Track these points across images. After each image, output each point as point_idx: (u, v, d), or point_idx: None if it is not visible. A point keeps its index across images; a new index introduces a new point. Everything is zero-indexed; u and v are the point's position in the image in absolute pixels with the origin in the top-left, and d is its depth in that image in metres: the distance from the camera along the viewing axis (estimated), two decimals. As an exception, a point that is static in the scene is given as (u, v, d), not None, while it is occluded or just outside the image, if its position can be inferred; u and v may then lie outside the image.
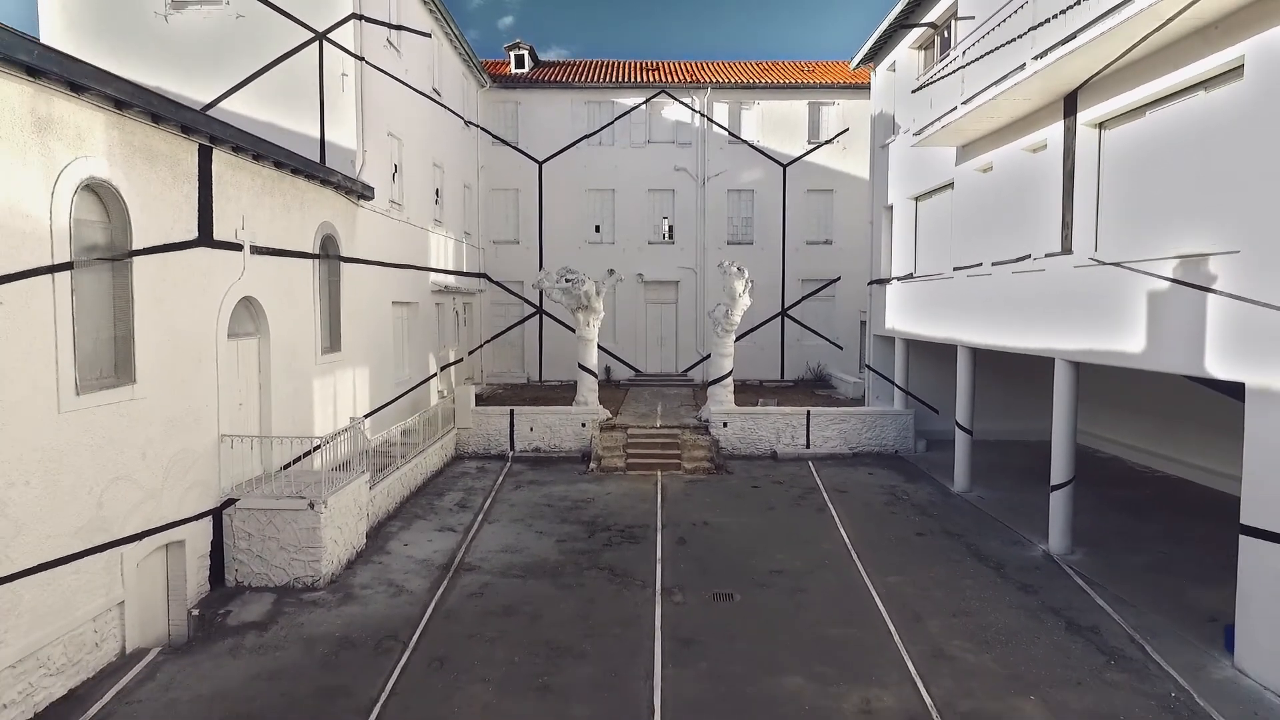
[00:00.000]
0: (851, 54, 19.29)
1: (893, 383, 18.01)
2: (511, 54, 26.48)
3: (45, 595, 6.57)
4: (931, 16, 15.46)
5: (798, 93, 24.97)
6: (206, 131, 8.62)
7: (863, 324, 23.08)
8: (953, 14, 14.40)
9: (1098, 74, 9.39)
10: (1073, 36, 8.97)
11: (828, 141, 24.84)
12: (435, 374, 19.03)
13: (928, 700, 6.88)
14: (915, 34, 16.38)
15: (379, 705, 6.78)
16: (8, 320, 6.15)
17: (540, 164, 25.04)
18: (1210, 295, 7.70)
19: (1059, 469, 10.63)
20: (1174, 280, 8.23)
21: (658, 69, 27.15)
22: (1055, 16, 9.29)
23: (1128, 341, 9.00)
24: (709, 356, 19.95)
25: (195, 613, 8.53)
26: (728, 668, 7.50)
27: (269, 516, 9.31)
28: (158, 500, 8.09)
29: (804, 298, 25.35)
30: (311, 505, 9.32)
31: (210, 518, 9.11)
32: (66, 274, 6.77)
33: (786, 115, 25.04)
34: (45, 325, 6.55)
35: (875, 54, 18.76)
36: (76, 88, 6.72)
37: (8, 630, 6.17)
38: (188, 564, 8.62)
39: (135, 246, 7.67)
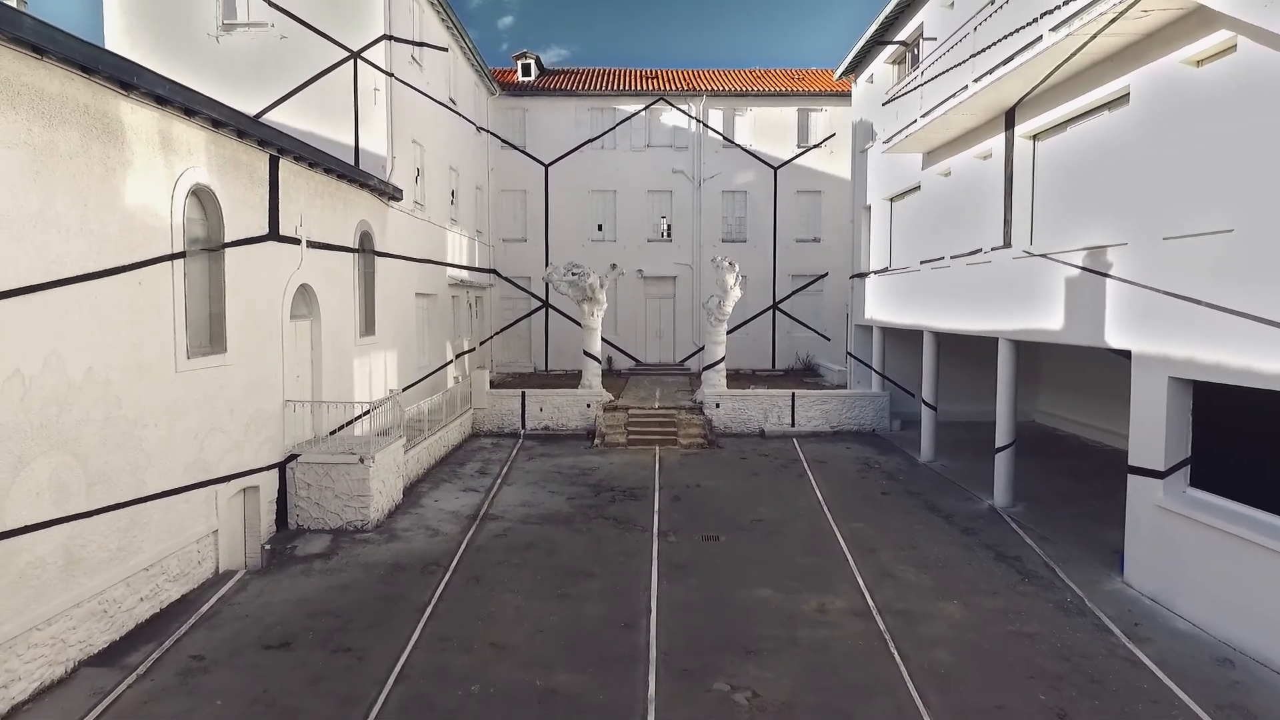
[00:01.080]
0: (841, 60, 20.87)
1: (871, 368, 19.70)
2: (519, 63, 28.16)
3: (167, 516, 8.25)
4: (903, 35, 17.15)
5: (788, 100, 26.65)
6: (276, 144, 10.29)
7: (848, 316, 24.73)
8: (919, 34, 16.10)
9: (1029, 94, 11.08)
10: (1008, 61, 10.63)
11: (815, 146, 26.52)
12: (451, 361, 20.69)
13: (871, 604, 8.56)
14: (889, 50, 18.06)
15: (430, 607, 8.47)
16: (144, 297, 7.83)
17: (546, 167, 26.72)
18: (1108, 280, 9.39)
19: (1002, 433, 12.32)
20: (1083, 268, 9.92)
21: (656, 77, 28.80)
22: (991, 46, 10.96)
23: (1050, 320, 10.70)
24: (704, 348, 21.59)
25: (267, 546, 10.20)
26: (712, 583, 9.19)
27: (325, 470, 11.00)
28: (240, 450, 9.77)
29: (794, 292, 27.04)
30: (361, 460, 11.01)
31: (277, 470, 10.79)
32: (180, 261, 8.45)
33: (777, 121, 26.72)
34: (167, 302, 8.23)
35: (855, 66, 20.45)
36: (189, 112, 8.39)
37: (144, 540, 7.85)
38: (261, 506, 10.30)
39: (226, 239, 9.35)
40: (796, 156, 26.64)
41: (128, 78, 7.26)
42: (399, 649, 7.42)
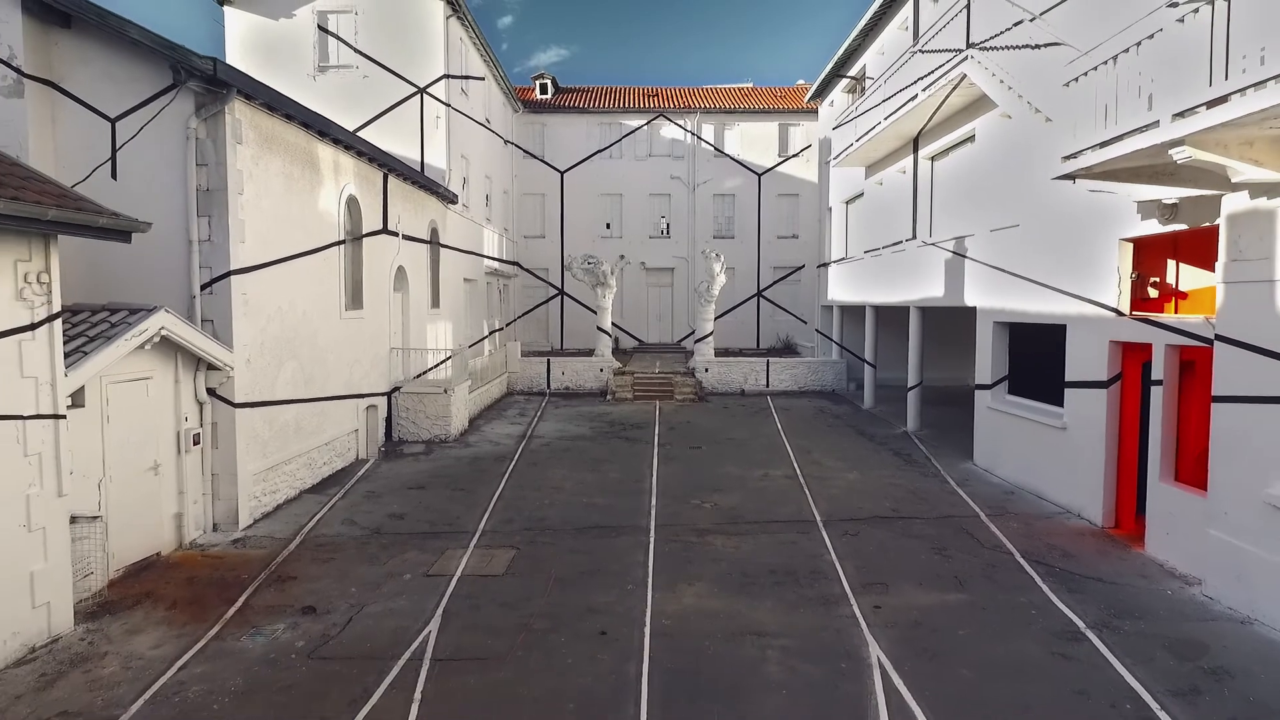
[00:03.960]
0: (820, 71, 25.06)
1: (832, 339, 24.03)
2: (537, 83, 32.55)
3: (336, 412, 12.59)
4: (853, 71, 21.48)
5: (770, 116, 30.99)
6: (388, 165, 14.61)
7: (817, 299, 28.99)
8: (864, 72, 20.43)
9: (924, 128, 15.41)
10: (901, 107, 14.91)
11: (793, 156, 30.86)
12: (486, 336, 25.03)
13: (798, 473, 12.89)
14: (845, 82, 22.38)
15: (507, 474, 12.80)
16: (326, 268, 12.16)
17: (562, 173, 31.06)
18: (966, 259, 13.70)
19: (912, 377, 16.65)
20: (953, 252, 14.24)
21: (657, 95, 33.11)
22: (895, 94, 15.24)
23: (936, 290, 15.01)
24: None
25: (383, 448, 14.56)
26: (694, 466, 13.51)
27: (419, 398, 15.34)
28: (369, 378, 14.11)
29: (775, 281, 31.38)
30: (445, 391, 15.36)
31: (386, 397, 15.13)
32: (342, 246, 12.79)
33: (761, 134, 31.06)
34: (335, 273, 12.56)
35: (820, 92, 24.79)
36: (347, 147, 12.72)
37: (327, 425, 12.20)
38: (378, 420, 14.64)
39: (363, 232, 13.69)
40: (777, 165, 30.97)
41: (324, 129, 11.60)
42: (494, 489, 11.77)
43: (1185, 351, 8.41)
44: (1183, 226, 8.18)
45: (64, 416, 6.63)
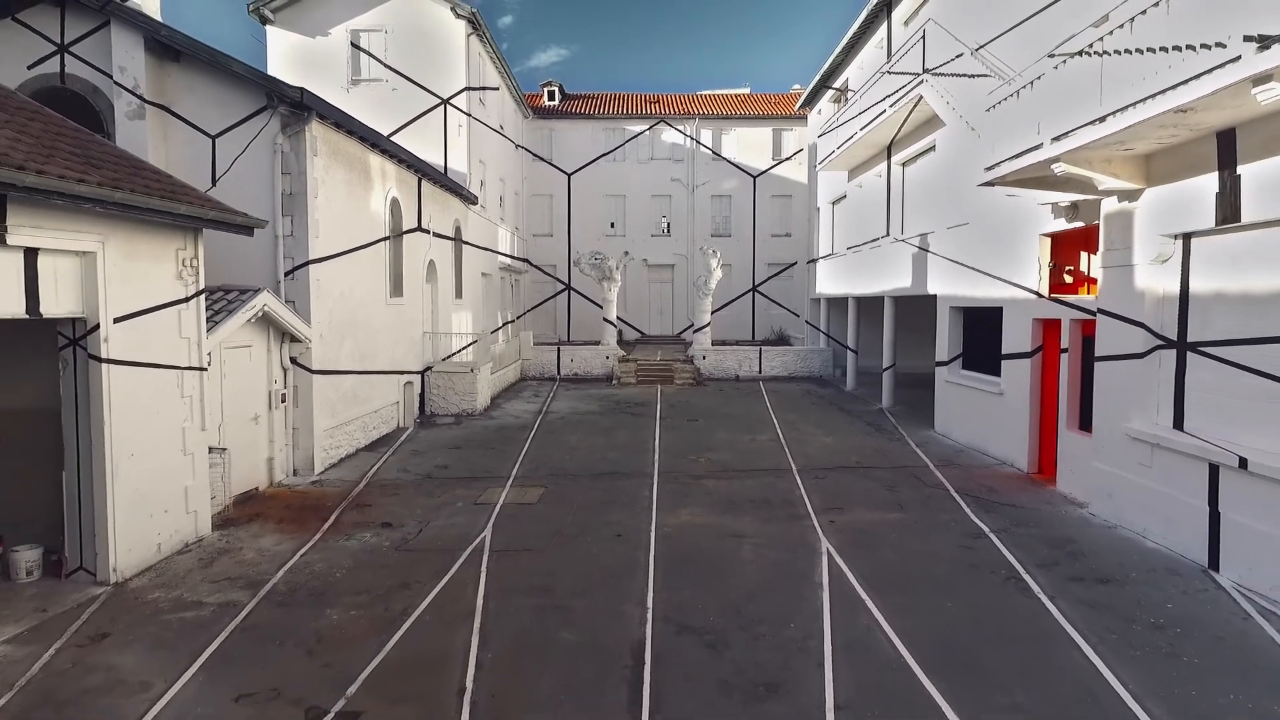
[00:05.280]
0: (813, 76, 27.06)
1: (820, 330, 26.03)
2: (545, 90, 34.57)
3: (381, 385, 14.60)
4: (838, 83, 23.48)
5: (765, 122, 32.99)
6: (422, 170, 16.62)
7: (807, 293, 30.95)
8: (847, 84, 22.43)
9: (895, 138, 17.41)
10: (874, 119, 16.90)
11: (786, 159, 32.85)
12: (500, 327, 27.02)
13: (781, 437, 14.89)
14: (830, 92, 24.38)
15: (530, 438, 14.81)
16: (375, 260, 14.16)
17: (569, 175, 33.05)
18: (928, 254, 15.69)
19: (886, 359, 18.65)
20: (918, 247, 16.23)
21: (658, 101, 35.12)
22: (870, 107, 17.24)
23: (904, 281, 17.02)
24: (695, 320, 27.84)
25: (418, 419, 16.57)
26: (691, 433, 15.52)
27: (448, 376, 17.36)
28: (407, 357, 16.12)
29: (769, 277, 33.37)
30: (472, 370, 17.37)
31: (420, 375, 17.14)
32: (387, 241, 14.79)
33: (756, 139, 33.05)
34: (382, 264, 14.56)
35: (809, 101, 26.80)
36: (392, 156, 14.73)
37: (375, 395, 14.22)
38: (413, 395, 16.65)
39: (403, 229, 15.70)
40: (771, 168, 32.97)
41: (376, 140, 13.61)
42: (520, 448, 13.79)
43: (1087, 326, 10.41)
44: (1082, 224, 10.18)
45: (205, 369, 8.65)
